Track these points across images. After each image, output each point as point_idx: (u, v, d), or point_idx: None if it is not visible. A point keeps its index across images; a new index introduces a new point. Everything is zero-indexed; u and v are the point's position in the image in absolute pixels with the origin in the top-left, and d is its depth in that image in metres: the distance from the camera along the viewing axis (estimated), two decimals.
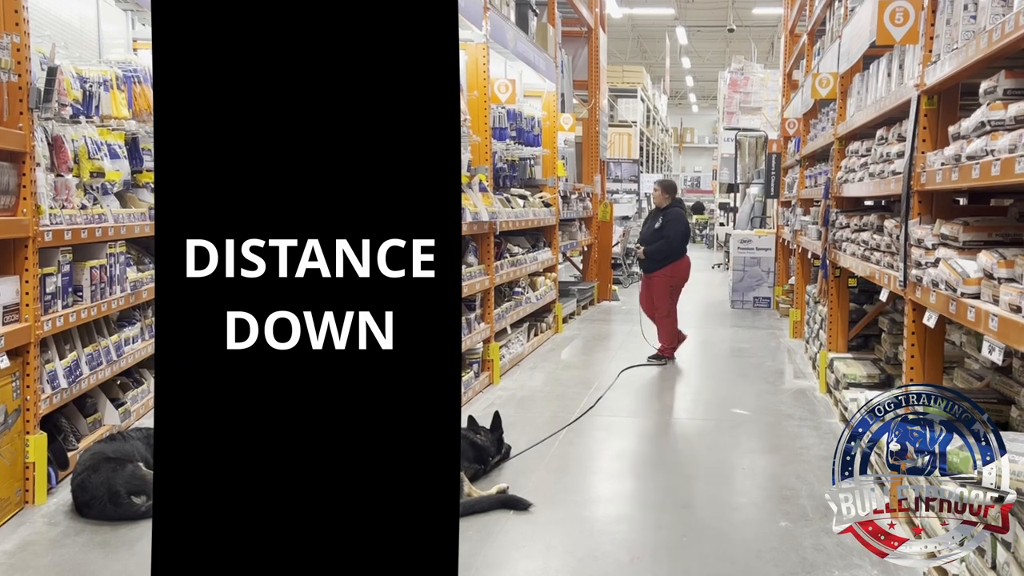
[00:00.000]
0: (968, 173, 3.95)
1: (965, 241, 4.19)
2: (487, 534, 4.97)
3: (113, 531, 4.88)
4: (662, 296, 9.98)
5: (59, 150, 5.50)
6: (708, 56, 39.10)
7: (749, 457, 6.50)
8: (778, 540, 4.91)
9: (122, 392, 6.62)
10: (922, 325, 4.81)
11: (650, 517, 5.30)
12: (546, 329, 11.55)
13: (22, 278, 5.05)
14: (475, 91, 8.86)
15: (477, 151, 8.87)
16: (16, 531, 4.89)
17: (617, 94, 23.39)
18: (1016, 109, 3.60)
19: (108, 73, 6.14)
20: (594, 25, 15.00)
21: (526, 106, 11.13)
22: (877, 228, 6.13)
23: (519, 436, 6.65)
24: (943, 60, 4.58)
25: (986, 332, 3.68)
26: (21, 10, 4.97)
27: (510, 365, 9.51)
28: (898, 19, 5.34)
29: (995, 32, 3.75)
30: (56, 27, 6.62)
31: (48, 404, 5.33)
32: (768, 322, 13.34)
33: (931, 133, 4.93)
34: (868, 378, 6.91)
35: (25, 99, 4.99)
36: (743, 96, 21.85)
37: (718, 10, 31.39)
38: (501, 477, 5.89)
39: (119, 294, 6.15)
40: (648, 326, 10.37)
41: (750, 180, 19.45)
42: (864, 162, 6.75)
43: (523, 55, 10.38)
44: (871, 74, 6.73)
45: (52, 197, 5.38)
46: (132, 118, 6.33)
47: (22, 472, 5.13)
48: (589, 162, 15.26)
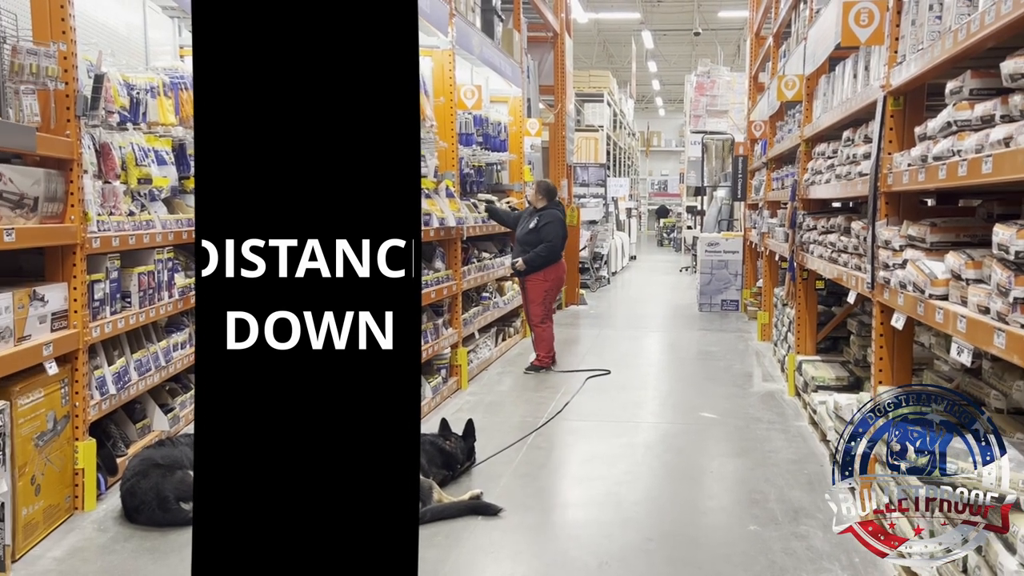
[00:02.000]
0: (935, 174, 3.93)
1: (933, 242, 4.17)
2: (455, 540, 4.94)
3: (162, 537, 4.90)
4: (536, 302, 9.66)
5: (106, 157, 5.53)
6: (674, 60, 39.19)
7: (718, 461, 6.48)
8: (747, 544, 4.89)
9: (171, 397, 6.63)
10: (890, 327, 4.80)
11: (618, 522, 5.26)
12: (514, 334, 11.58)
13: (70, 285, 5.10)
14: (441, 97, 8.84)
15: (444, 157, 8.86)
16: (66, 537, 4.90)
17: (583, 99, 23.35)
18: (982, 109, 3.58)
19: (155, 80, 6.19)
20: (560, 30, 15.01)
21: (492, 111, 11.13)
22: (844, 230, 6.13)
23: (488, 441, 6.61)
24: (909, 61, 4.57)
25: (955, 334, 3.66)
26: (68, 18, 4.99)
27: (478, 370, 9.50)
28: (863, 20, 5.34)
29: (960, 32, 3.74)
30: (103, 35, 6.66)
31: (97, 410, 5.37)
32: (736, 325, 13.36)
33: (897, 134, 4.92)
34: (837, 380, 6.90)
35: (72, 107, 5.02)
36: (709, 99, 21.97)
37: (684, 14, 31.47)
38: (471, 482, 5.86)
39: (167, 299, 6.20)
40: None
41: (717, 183, 19.50)
42: (831, 164, 6.75)
43: (489, 61, 10.38)
44: (837, 76, 6.73)
45: (100, 204, 5.42)
46: (179, 124, 6.39)
47: (71, 478, 5.16)
48: (556, 167, 15.26)
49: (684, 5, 30.59)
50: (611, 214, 22.47)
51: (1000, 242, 3.23)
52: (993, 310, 3.28)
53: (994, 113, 3.45)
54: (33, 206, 4.74)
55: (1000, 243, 3.23)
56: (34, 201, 4.74)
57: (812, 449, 6.58)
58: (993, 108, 3.47)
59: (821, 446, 6.58)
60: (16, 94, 4.66)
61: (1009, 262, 3.17)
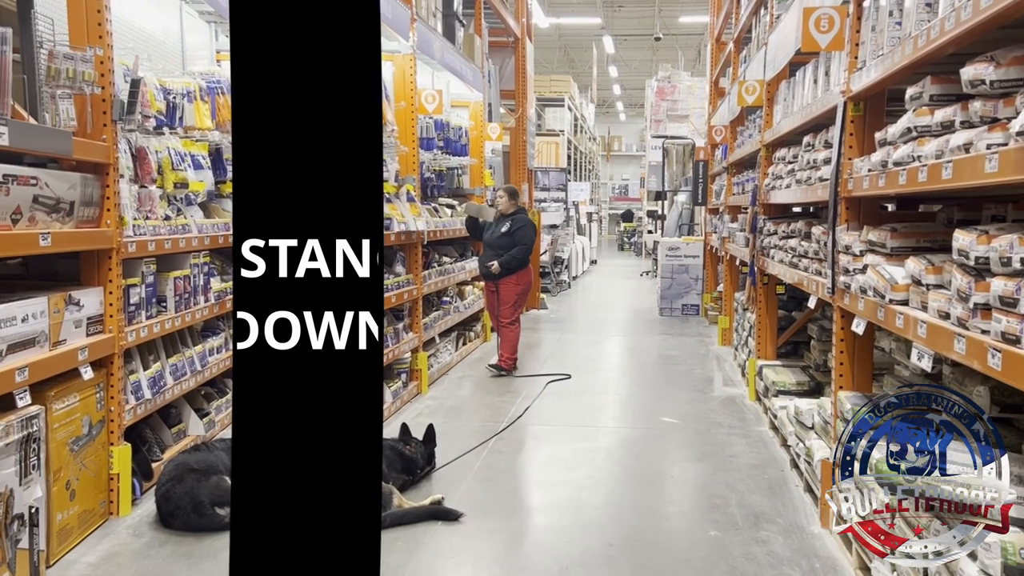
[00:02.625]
0: (895, 179, 3.93)
1: (893, 247, 4.18)
2: (415, 545, 4.92)
3: (197, 542, 4.90)
4: (508, 303, 9.79)
5: (143, 161, 5.56)
6: (635, 65, 39.35)
7: (679, 465, 6.47)
8: (708, 549, 4.89)
9: (206, 402, 6.62)
10: (851, 332, 4.81)
11: (579, 526, 5.25)
12: (474, 338, 11.58)
13: (106, 289, 5.12)
14: (402, 102, 8.83)
15: (405, 161, 8.83)
16: (101, 542, 4.89)
17: (544, 103, 23.39)
18: (942, 115, 3.58)
19: (191, 84, 6.20)
20: (521, 35, 15.02)
21: (453, 116, 11.14)
22: (805, 235, 6.14)
23: (448, 446, 6.59)
24: (869, 66, 4.58)
25: (915, 339, 3.66)
26: (104, 23, 5.02)
27: (439, 374, 9.48)
28: (823, 26, 5.35)
29: (921, 38, 3.74)
30: (140, 39, 6.68)
31: (132, 415, 5.39)
32: (697, 329, 13.39)
33: (858, 139, 4.93)
34: (797, 385, 6.92)
35: (108, 111, 5.05)
36: (670, 104, 22.04)
37: (645, 19, 31.62)
38: (431, 487, 5.84)
39: (203, 304, 6.21)
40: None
41: (678, 187, 19.57)
42: (791, 169, 6.76)
43: (450, 65, 10.37)
44: (797, 81, 6.75)
45: (136, 208, 5.45)
46: (216, 129, 6.41)
47: (106, 483, 5.17)
48: (517, 171, 15.28)
49: (645, 10, 30.74)
50: (572, 218, 22.51)
51: (960, 248, 3.23)
52: (953, 315, 3.29)
53: (954, 119, 3.46)
54: (69, 210, 4.74)
55: (960, 248, 3.24)
56: (70, 205, 4.74)
57: (773, 454, 6.59)
58: (953, 114, 3.48)
59: (782, 451, 6.59)
60: (53, 99, 4.69)
61: (969, 267, 3.17)
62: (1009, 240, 2.87)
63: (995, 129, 3.06)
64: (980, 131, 3.16)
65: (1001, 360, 2.80)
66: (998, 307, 2.90)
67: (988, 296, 2.99)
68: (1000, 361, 2.80)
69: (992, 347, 2.87)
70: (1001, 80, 3.02)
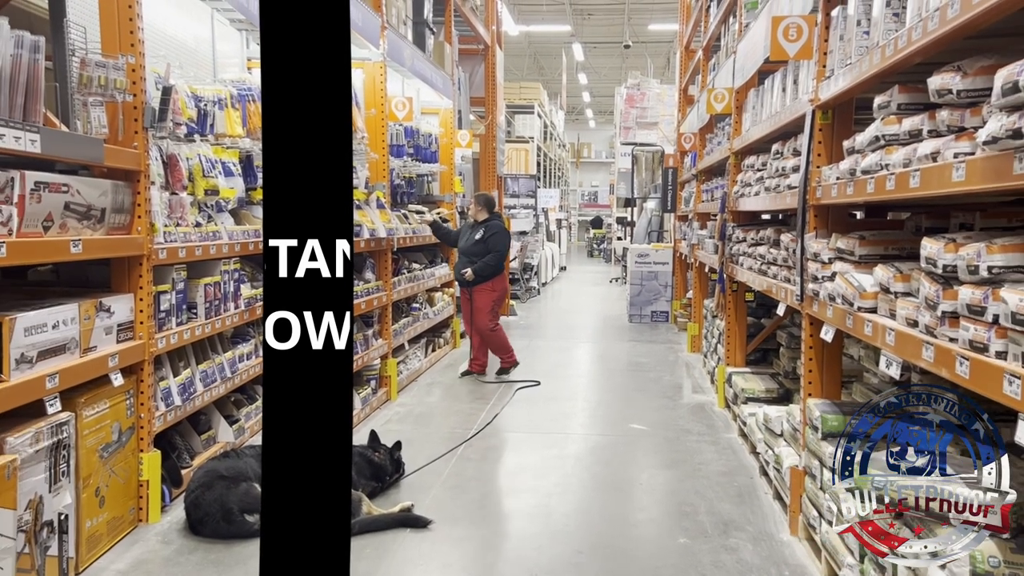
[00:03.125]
0: (863, 187, 3.95)
1: (861, 255, 4.19)
2: (383, 552, 4.90)
3: (227, 549, 4.90)
4: (485, 311, 9.90)
5: (174, 168, 5.55)
6: (605, 72, 39.48)
7: (648, 473, 6.46)
8: (677, 557, 4.89)
9: (236, 409, 6.63)
10: (820, 339, 4.82)
11: (548, 534, 5.24)
12: (444, 344, 11.57)
13: (136, 296, 5.13)
14: (373, 109, 8.84)
15: (375, 168, 8.85)
16: (130, 549, 4.89)
17: (514, 110, 23.39)
18: (910, 124, 3.60)
19: (222, 92, 6.22)
20: (491, 42, 15.07)
21: (424, 123, 11.16)
22: (774, 242, 6.16)
23: (417, 452, 6.57)
24: (837, 75, 4.60)
25: (883, 346, 3.68)
26: (136, 31, 5.03)
27: (408, 381, 9.46)
28: (792, 35, 5.37)
29: (888, 48, 3.76)
30: (171, 47, 6.75)
31: (162, 421, 5.39)
32: (666, 336, 13.42)
33: (826, 147, 4.95)
34: (767, 393, 6.94)
35: (140, 118, 5.07)
36: (640, 111, 22.09)
37: (614, 26, 31.72)
38: (400, 495, 5.82)
39: (233, 311, 6.23)
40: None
41: (647, 194, 19.61)
42: (760, 176, 6.79)
43: (420, 73, 10.38)
44: (766, 89, 6.78)
45: (167, 215, 5.44)
46: (246, 136, 6.42)
47: (136, 490, 5.18)
48: (486, 178, 15.30)
49: (614, 18, 30.85)
50: (541, 225, 22.51)
51: (928, 256, 3.25)
52: (922, 323, 3.30)
53: (921, 128, 3.48)
54: (100, 217, 4.73)
55: (928, 257, 3.25)
56: (101, 212, 4.73)
57: (742, 461, 6.60)
58: (921, 123, 3.49)
59: (751, 458, 6.61)
60: (84, 106, 4.70)
61: (937, 275, 3.18)
62: (977, 248, 2.89)
63: (962, 138, 3.08)
64: (947, 140, 3.17)
65: (969, 368, 2.81)
66: (966, 315, 2.91)
67: (956, 304, 3.00)
68: (968, 369, 2.81)
69: (960, 355, 2.88)
70: (968, 90, 3.04)
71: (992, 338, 2.72)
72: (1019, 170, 2.47)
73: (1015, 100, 2.45)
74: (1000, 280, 2.78)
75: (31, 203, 4.07)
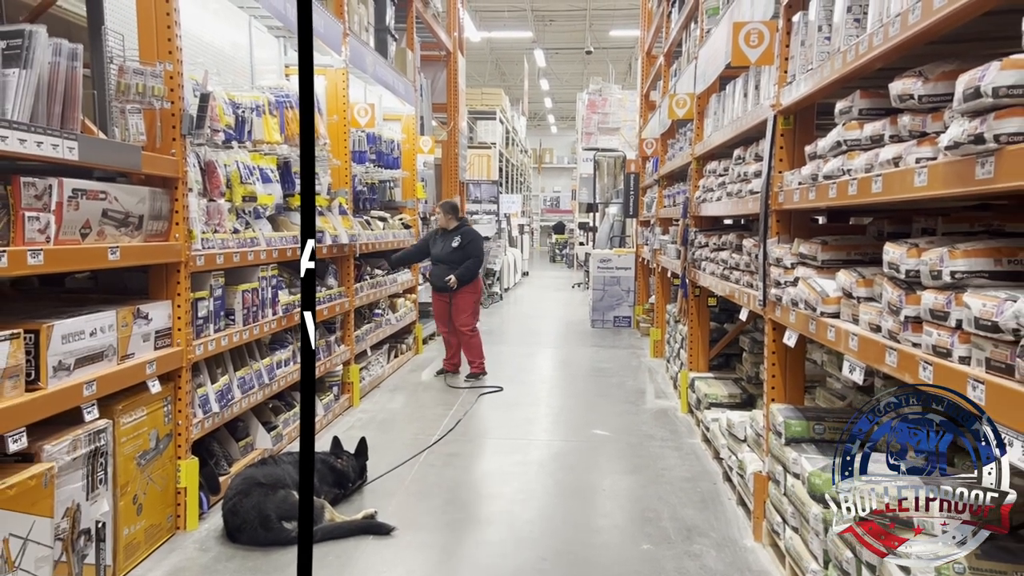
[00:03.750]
0: (825, 192, 3.95)
1: (824, 260, 4.19)
2: (346, 560, 4.87)
3: (264, 557, 4.88)
4: (467, 312, 10.18)
5: (211, 175, 5.55)
6: (566, 78, 39.58)
7: (611, 479, 6.45)
8: (640, 563, 4.88)
9: (274, 415, 6.61)
10: (782, 344, 4.83)
11: (511, 540, 5.23)
12: (406, 350, 11.54)
13: (174, 303, 5.10)
14: (335, 115, 8.84)
15: (337, 174, 8.83)
16: (168, 557, 4.89)
17: (476, 116, 23.40)
18: (872, 129, 3.61)
19: (260, 99, 6.23)
20: (453, 49, 15.08)
21: (386, 129, 11.14)
22: (736, 247, 6.17)
23: (380, 459, 6.54)
24: (799, 81, 4.61)
25: (847, 351, 3.68)
26: (174, 39, 5.01)
27: (370, 387, 9.44)
28: (753, 41, 5.37)
29: (849, 53, 3.77)
30: (209, 54, 6.71)
31: (200, 428, 5.37)
32: (629, 341, 13.44)
33: (788, 153, 4.96)
34: (729, 398, 6.95)
35: (178, 125, 5.05)
36: (601, 117, 22.13)
37: (575, 32, 31.80)
38: (363, 501, 5.80)
39: (271, 317, 6.24)
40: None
41: (609, 200, 19.63)
42: (722, 181, 6.80)
43: (382, 79, 10.36)
44: (728, 94, 6.80)
45: (204, 222, 5.43)
46: (284, 142, 6.42)
47: (173, 497, 5.18)
48: (449, 183, 15.31)
49: (576, 24, 30.93)
50: (503, 230, 22.49)
51: (891, 260, 3.25)
52: (884, 328, 3.30)
53: (883, 133, 3.48)
54: (138, 224, 4.71)
55: (891, 262, 3.25)
56: (139, 219, 4.71)
57: (705, 467, 6.61)
58: (882, 128, 3.50)
59: (714, 464, 6.61)
60: (122, 113, 4.69)
61: (900, 280, 3.19)
62: (939, 253, 2.89)
63: (924, 143, 3.08)
64: (909, 145, 3.18)
65: (932, 373, 2.81)
66: (929, 320, 2.91)
67: (919, 309, 3.00)
68: (931, 374, 2.81)
69: (923, 360, 2.88)
70: (929, 95, 3.04)
71: (955, 343, 2.72)
72: (981, 175, 2.48)
73: (977, 105, 2.46)
74: (963, 285, 2.79)
75: (69, 210, 4.04)
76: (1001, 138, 2.37)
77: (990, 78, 2.39)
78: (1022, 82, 2.34)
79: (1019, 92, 2.35)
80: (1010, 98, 2.36)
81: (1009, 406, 2.36)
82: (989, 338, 2.52)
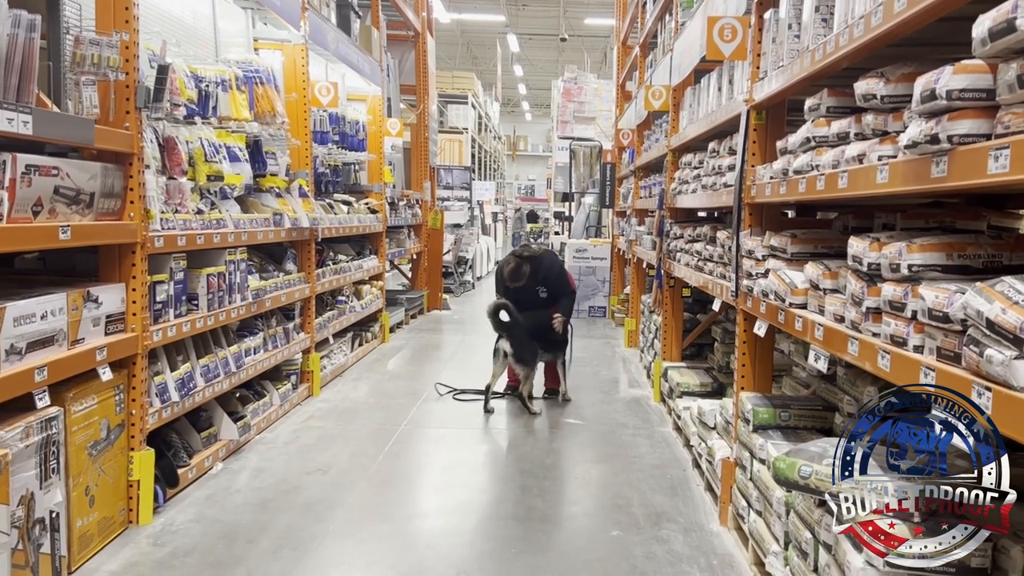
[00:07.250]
0: (795, 187, 4.06)
1: (793, 253, 4.30)
2: (303, 552, 4.81)
3: (227, 551, 4.78)
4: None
5: (171, 152, 5.31)
6: (541, 65, 39.52)
7: (582, 466, 6.54)
8: (609, 549, 4.95)
9: (241, 405, 6.35)
10: (753, 334, 4.93)
11: (478, 530, 5.26)
12: (372, 339, 11.39)
13: (128, 286, 4.88)
14: (294, 93, 8.57)
15: (296, 155, 8.56)
16: (119, 552, 4.76)
17: (447, 100, 23.39)
18: (838, 127, 3.71)
19: (227, 73, 5.96)
20: (421, 29, 14.90)
21: (350, 110, 10.87)
22: (710, 239, 6.26)
23: (341, 449, 6.54)
24: (770, 77, 4.70)
25: (812, 341, 3.79)
26: (132, 7, 4.79)
27: (332, 376, 9.31)
28: (727, 35, 5.46)
29: (818, 52, 3.87)
30: (166, 23, 6.39)
31: (156, 418, 5.16)
32: (603, 331, 13.53)
33: (760, 147, 5.06)
34: (701, 387, 7.05)
35: (132, 98, 4.82)
36: (577, 105, 22.15)
37: (550, 19, 31.76)
38: None
39: (239, 303, 5.98)
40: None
41: (585, 189, 19.69)
42: (697, 174, 6.89)
43: (345, 57, 10.14)
44: (702, 88, 6.88)
45: (164, 201, 5.19)
46: (254, 120, 6.15)
47: (125, 490, 4.98)
48: (418, 168, 15.15)
49: (550, 10, 30.88)
50: (476, 218, 22.51)
51: (854, 254, 3.36)
52: (848, 319, 3.42)
53: (849, 131, 3.59)
54: (89, 202, 4.54)
55: (854, 255, 3.36)
56: (90, 197, 4.54)
57: (676, 454, 6.71)
58: (848, 126, 3.61)
59: (684, 451, 6.72)
60: (77, 86, 4.50)
61: (862, 273, 3.29)
62: (898, 247, 3.00)
63: (886, 142, 3.19)
64: (872, 143, 3.29)
65: (890, 361, 2.92)
66: (888, 311, 3.03)
67: (879, 300, 3.11)
68: (888, 362, 2.93)
69: (882, 349, 2.99)
70: (890, 95, 3.15)
71: (911, 333, 2.84)
72: (936, 174, 2.59)
73: (932, 107, 2.56)
74: (919, 278, 2.90)
75: (22, 187, 3.95)
76: (954, 139, 2.48)
77: (944, 81, 2.51)
78: (973, 86, 2.46)
79: (970, 95, 2.46)
80: (962, 101, 2.47)
81: (957, 390, 2.47)
82: (940, 328, 2.64)
